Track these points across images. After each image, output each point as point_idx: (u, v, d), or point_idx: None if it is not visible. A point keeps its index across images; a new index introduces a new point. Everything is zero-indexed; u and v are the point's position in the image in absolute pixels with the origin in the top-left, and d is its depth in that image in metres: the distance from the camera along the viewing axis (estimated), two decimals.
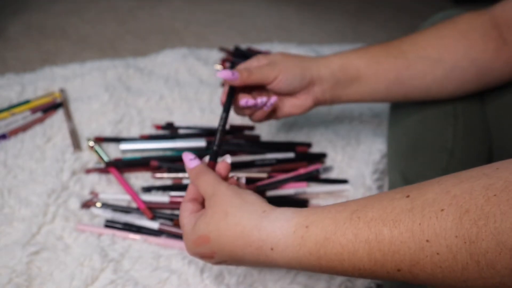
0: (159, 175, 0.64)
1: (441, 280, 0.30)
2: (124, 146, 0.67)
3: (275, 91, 0.55)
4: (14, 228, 0.55)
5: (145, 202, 0.59)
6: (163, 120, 0.75)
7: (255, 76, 0.53)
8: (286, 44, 1.01)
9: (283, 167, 0.67)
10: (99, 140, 0.69)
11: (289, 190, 0.64)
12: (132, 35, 1.12)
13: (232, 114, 0.78)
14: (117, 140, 0.69)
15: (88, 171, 0.64)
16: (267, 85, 0.55)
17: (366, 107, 0.83)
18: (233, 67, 0.90)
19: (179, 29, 1.17)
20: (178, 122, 0.74)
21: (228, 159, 0.48)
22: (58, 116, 0.73)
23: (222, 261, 0.41)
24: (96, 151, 0.66)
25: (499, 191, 0.28)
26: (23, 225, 0.56)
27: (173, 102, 0.79)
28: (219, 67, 0.91)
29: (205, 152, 0.68)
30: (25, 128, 0.70)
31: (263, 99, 0.55)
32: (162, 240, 0.56)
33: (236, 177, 0.50)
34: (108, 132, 0.71)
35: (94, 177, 0.63)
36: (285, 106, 0.57)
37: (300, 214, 0.37)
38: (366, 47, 0.58)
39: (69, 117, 0.72)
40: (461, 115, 0.60)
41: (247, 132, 0.75)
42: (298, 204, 0.63)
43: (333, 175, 0.69)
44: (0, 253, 0.52)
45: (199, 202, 0.45)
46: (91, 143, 0.66)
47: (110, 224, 0.57)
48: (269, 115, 0.58)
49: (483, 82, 0.57)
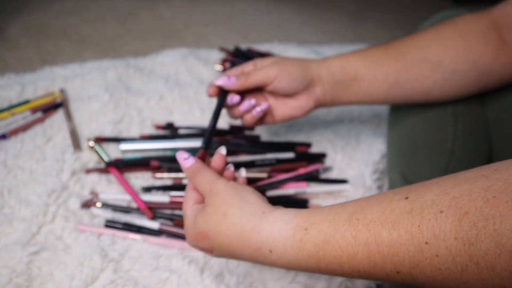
0: (159, 175, 0.64)
1: (440, 282, 0.30)
2: (124, 146, 0.67)
3: (276, 91, 0.55)
4: (14, 228, 0.55)
5: (145, 202, 0.59)
6: (163, 120, 0.75)
7: (253, 78, 0.53)
8: (286, 44, 1.01)
9: (283, 167, 0.67)
10: (99, 140, 0.69)
11: (289, 190, 0.64)
12: (132, 35, 1.12)
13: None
14: (117, 140, 0.69)
15: (88, 171, 0.64)
16: (268, 85, 0.54)
17: (366, 107, 0.83)
18: (233, 67, 0.91)
19: (179, 29, 1.17)
20: (178, 122, 0.74)
21: (222, 150, 0.47)
22: (58, 116, 0.73)
23: (221, 256, 0.42)
24: (96, 151, 0.66)
25: (498, 193, 0.28)
26: (23, 225, 0.55)
27: (173, 102, 0.79)
28: (219, 67, 0.91)
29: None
30: (25, 128, 0.70)
31: (252, 101, 0.55)
32: (162, 240, 0.56)
33: (234, 170, 0.50)
34: (108, 132, 0.71)
35: (94, 177, 0.63)
36: (286, 108, 0.57)
37: (299, 216, 0.36)
38: (366, 49, 0.58)
39: (69, 117, 0.72)
40: (461, 115, 0.60)
41: (247, 132, 0.75)
42: (298, 204, 0.63)
43: (333, 175, 0.69)
44: (0, 253, 0.52)
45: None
46: (91, 143, 0.66)
47: (110, 224, 0.57)
48: (262, 120, 0.58)
49: (483, 84, 0.56)
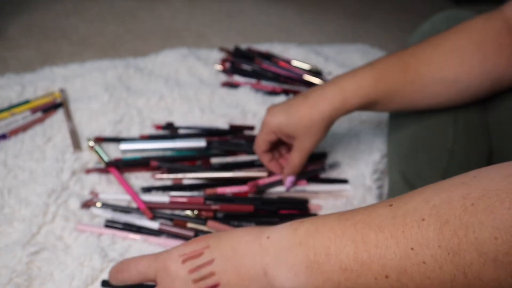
0: (159, 176, 0.64)
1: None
2: (124, 146, 0.67)
3: None
4: (14, 228, 0.55)
5: (145, 202, 0.59)
6: (163, 120, 0.75)
7: (302, 166, 0.61)
8: (286, 44, 1.01)
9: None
10: (99, 140, 0.69)
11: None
12: (132, 35, 1.12)
13: (232, 115, 0.78)
14: (117, 140, 0.69)
15: (88, 171, 0.64)
16: None
17: None
18: (233, 67, 0.91)
19: (179, 29, 1.17)
20: (178, 122, 0.74)
21: None
22: (58, 116, 0.73)
23: (208, 261, 0.37)
24: (96, 151, 0.66)
25: (476, 200, 0.28)
26: (23, 225, 0.55)
27: (173, 102, 0.79)
28: (219, 67, 0.91)
29: (205, 153, 0.68)
30: (25, 128, 0.70)
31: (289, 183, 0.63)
32: (162, 240, 0.56)
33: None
34: (108, 132, 0.71)
35: (94, 177, 0.63)
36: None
37: (295, 221, 0.37)
38: (384, 68, 0.56)
39: (69, 117, 0.72)
40: (461, 115, 0.60)
41: (247, 132, 0.75)
42: (298, 204, 0.62)
43: (333, 175, 0.69)
44: (0, 253, 0.52)
45: None
46: (91, 143, 0.66)
47: (110, 224, 0.57)
48: None
49: (495, 90, 0.57)
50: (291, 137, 0.58)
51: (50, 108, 0.74)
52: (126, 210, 0.59)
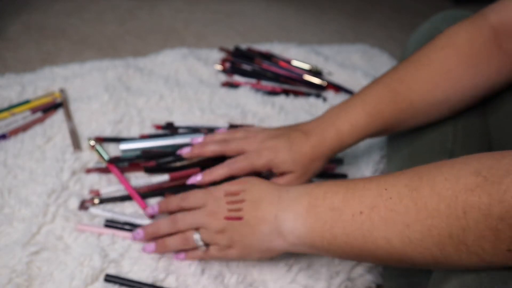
0: (155, 179, 0.64)
1: (390, 225, 0.37)
2: (124, 146, 0.67)
3: None
4: (14, 228, 0.55)
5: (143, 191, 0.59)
6: (163, 120, 0.75)
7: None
8: (286, 44, 1.01)
9: None
10: (99, 140, 0.69)
11: None
12: (132, 35, 1.12)
13: (232, 115, 0.78)
14: (117, 140, 0.69)
15: (89, 170, 0.64)
16: None
17: None
18: (233, 67, 0.91)
19: (179, 29, 1.17)
20: (178, 122, 0.74)
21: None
22: (58, 116, 0.73)
23: (241, 200, 0.48)
24: (97, 150, 0.66)
25: (444, 163, 0.37)
26: (23, 225, 0.55)
27: (173, 102, 0.79)
28: (219, 67, 0.91)
29: None
30: (25, 128, 0.70)
31: None
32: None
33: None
34: (108, 132, 0.71)
35: (94, 177, 0.63)
36: None
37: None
38: (379, 106, 0.56)
39: (69, 117, 0.72)
40: (461, 116, 0.60)
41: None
42: None
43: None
44: (0, 253, 0.52)
45: None
46: (92, 143, 0.66)
47: (110, 224, 0.57)
48: None
49: (487, 97, 0.58)
50: (287, 173, 0.56)
51: (50, 108, 0.74)
52: (125, 198, 0.60)
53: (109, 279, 0.51)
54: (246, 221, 0.47)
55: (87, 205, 0.59)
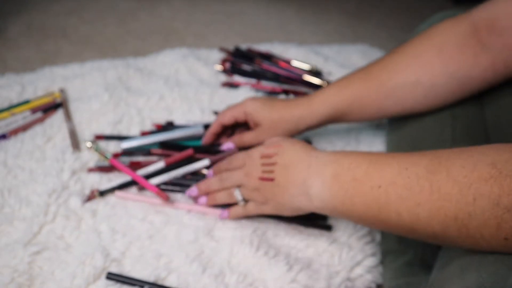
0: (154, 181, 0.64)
1: (404, 202, 0.40)
2: (126, 145, 0.67)
3: None
4: (15, 228, 0.55)
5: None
6: (163, 120, 0.75)
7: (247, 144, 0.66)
8: (286, 44, 1.01)
9: None
10: (99, 138, 0.69)
11: None
12: (132, 35, 1.12)
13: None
14: (118, 138, 0.69)
15: (90, 169, 0.64)
16: None
17: None
18: (233, 67, 0.91)
19: (179, 29, 1.17)
20: (178, 122, 0.75)
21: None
22: (58, 116, 0.73)
23: (274, 162, 0.52)
24: (96, 150, 0.66)
25: (463, 151, 0.39)
26: (24, 225, 0.56)
27: (173, 102, 0.79)
28: (219, 67, 0.91)
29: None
30: (25, 128, 0.70)
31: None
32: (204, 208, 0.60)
33: None
34: (108, 132, 0.71)
35: (95, 176, 0.63)
36: None
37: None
38: (348, 80, 0.62)
39: (68, 117, 0.72)
40: (459, 116, 0.60)
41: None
42: None
43: None
44: (2, 252, 0.52)
45: None
46: (89, 144, 0.66)
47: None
48: None
49: (464, 91, 0.58)
50: (256, 124, 0.63)
51: (50, 108, 0.74)
52: (122, 186, 0.62)
53: (111, 277, 0.51)
54: (277, 182, 0.51)
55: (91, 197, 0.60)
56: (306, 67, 0.92)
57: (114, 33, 1.11)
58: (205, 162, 0.64)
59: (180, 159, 0.65)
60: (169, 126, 0.73)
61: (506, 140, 0.57)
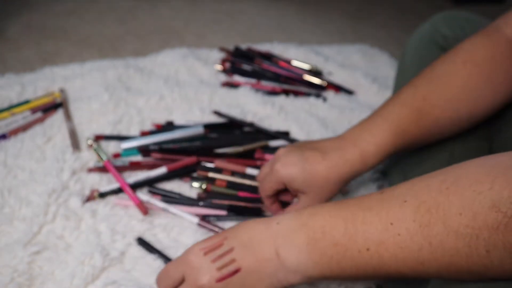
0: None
1: (402, 262, 0.35)
2: (126, 145, 0.67)
3: None
4: (15, 228, 0.55)
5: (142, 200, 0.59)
6: (163, 120, 0.75)
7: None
8: (286, 44, 1.01)
9: None
10: (100, 138, 0.69)
11: None
12: (132, 35, 1.12)
13: (232, 115, 0.78)
14: (118, 138, 0.69)
15: (90, 170, 0.64)
16: None
17: (366, 107, 0.83)
18: (233, 67, 0.91)
19: (179, 29, 1.17)
20: (178, 122, 0.75)
21: None
22: (58, 116, 0.73)
23: (228, 250, 0.41)
24: (95, 150, 0.66)
25: (450, 184, 0.33)
26: (24, 225, 0.56)
27: (173, 102, 0.79)
28: (219, 67, 0.91)
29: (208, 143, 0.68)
30: (25, 128, 0.70)
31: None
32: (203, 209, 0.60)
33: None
34: (108, 132, 0.71)
35: (95, 176, 0.63)
36: None
37: (300, 210, 0.43)
38: (400, 125, 0.53)
39: (68, 117, 0.72)
40: None
41: (247, 129, 0.75)
42: None
43: None
44: (2, 252, 0.52)
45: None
46: (90, 141, 0.66)
47: (153, 190, 0.62)
48: None
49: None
50: (300, 192, 0.54)
51: (50, 108, 0.74)
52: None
53: (141, 243, 0.55)
54: (245, 270, 0.40)
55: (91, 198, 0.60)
56: (306, 67, 0.92)
57: (114, 33, 1.11)
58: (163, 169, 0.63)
59: (183, 166, 0.64)
60: (169, 126, 0.73)
61: (507, 139, 0.57)
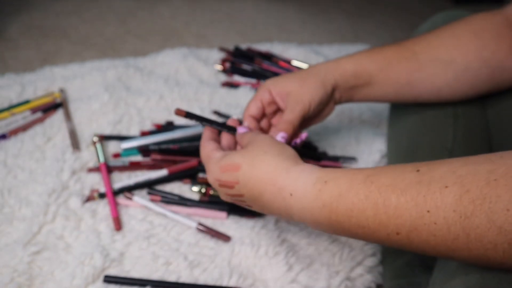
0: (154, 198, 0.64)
1: (432, 247, 0.33)
2: (125, 145, 0.67)
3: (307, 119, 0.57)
4: (15, 228, 0.55)
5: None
6: (162, 120, 0.75)
7: (297, 126, 0.53)
8: (286, 44, 1.01)
9: None
10: (101, 137, 0.69)
11: None
12: (132, 35, 1.12)
13: (232, 115, 0.78)
14: (118, 138, 0.69)
15: (90, 170, 0.64)
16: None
17: (366, 107, 0.83)
18: (233, 67, 0.91)
19: (179, 29, 1.17)
20: (178, 122, 0.75)
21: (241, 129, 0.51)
22: (58, 116, 0.73)
23: (239, 194, 0.43)
24: (96, 149, 0.65)
25: (499, 176, 0.30)
26: (24, 225, 0.56)
27: (173, 102, 0.79)
28: (219, 67, 0.91)
29: None
30: (25, 128, 0.70)
31: (297, 140, 0.56)
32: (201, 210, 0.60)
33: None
34: (108, 132, 0.71)
35: (95, 176, 0.63)
36: (315, 119, 0.58)
37: (322, 170, 0.40)
38: (380, 48, 0.58)
39: (68, 117, 0.72)
40: (461, 115, 0.60)
41: None
42: None
43: None
44: (2, 252, 0.52)
45: (218, 141, 0.50)
46: (95, 139, 0.66)
47: (152, 192, 0.61)
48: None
49: (495, 81, 0.56)
50: (284, 94, 0.54)
51: (50, 108, 0.74)
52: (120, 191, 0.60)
53: (109, 280, 0.50)
54: (255, 207, 0.43)
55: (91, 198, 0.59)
56: (306, 67, 0.92)
57: (114, 33, 1.11)
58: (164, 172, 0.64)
59: (184, 169, 0.64)
60: (169, 126, 0.73)
61: (507, 140, 0.57)
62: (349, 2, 1.47)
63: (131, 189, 0.61)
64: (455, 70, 0.56)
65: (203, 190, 0.62)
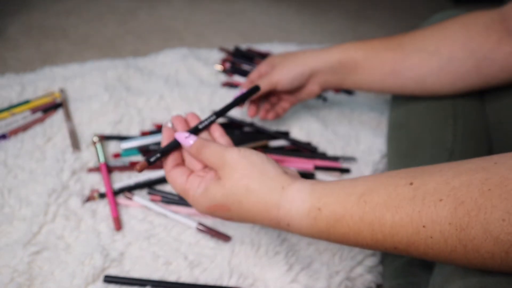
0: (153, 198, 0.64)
1: (431, 258, 0.33)
2: (126, 145, 0.67)
3: (283, 91, 0.67)
4: (15, 228, 0.55)
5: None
6: (163, 120, 0.75)
7: (263, 90, 0.64)
8: (286, 44, 1.01)
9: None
10: (101, 138, 0.69)
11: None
12: (132, 35, 1.12)
13: (232, 115, 0.78)
14: (118, 138, 0.69)
15: (90, 170, 0.64)
16: (276, 90, 0.66)
17: (366, 107, 0.83)
18: (233, 67, 0.91)
19: (179, 29, 1.17)
20: None
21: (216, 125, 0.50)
22: (58, 116, 0.73)
23: (239, 221, 0.43)
24: (96, 148, 0.65)
25: (493, 186, 0.30)
26: (24, 225, 0.56)
27: (173, 102, 0.79)
28: (219, 67, 0.91)
29: None
30: (25, 128, 0.70)
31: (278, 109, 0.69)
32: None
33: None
34: (108, 132, 0.71)
35: (95, 176, 0.63)
36: (294, 97, 0.68)
37: (313, 195, 0.39)
38: (369, 40, 0.62)
39: (68, 117, 0.72)
40: (461, 115, 0.60)
41: (247, 129, 0.75)
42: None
43: (335, 173, 0.69)
44: (2, 252, 0.52)
45: (182, 162, 0.47)
46: (96, 139, 0.66)
47: (152, 192, 0.61)
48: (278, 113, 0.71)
49: (483, 73, 0.56)
50: (271, 68, 0.66)
51: (50, 108, 0.74)
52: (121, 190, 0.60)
53: (109, 280, 0.51)
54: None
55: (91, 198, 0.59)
56: None
57: (114, 33, 1.11)
58: None
59: None
60: None
61: (507, 140, 0.57)
62: (349, 2, 1.47)
63: (131, 189, 0.61)
64: (439, 60, 0.57)
65: None
